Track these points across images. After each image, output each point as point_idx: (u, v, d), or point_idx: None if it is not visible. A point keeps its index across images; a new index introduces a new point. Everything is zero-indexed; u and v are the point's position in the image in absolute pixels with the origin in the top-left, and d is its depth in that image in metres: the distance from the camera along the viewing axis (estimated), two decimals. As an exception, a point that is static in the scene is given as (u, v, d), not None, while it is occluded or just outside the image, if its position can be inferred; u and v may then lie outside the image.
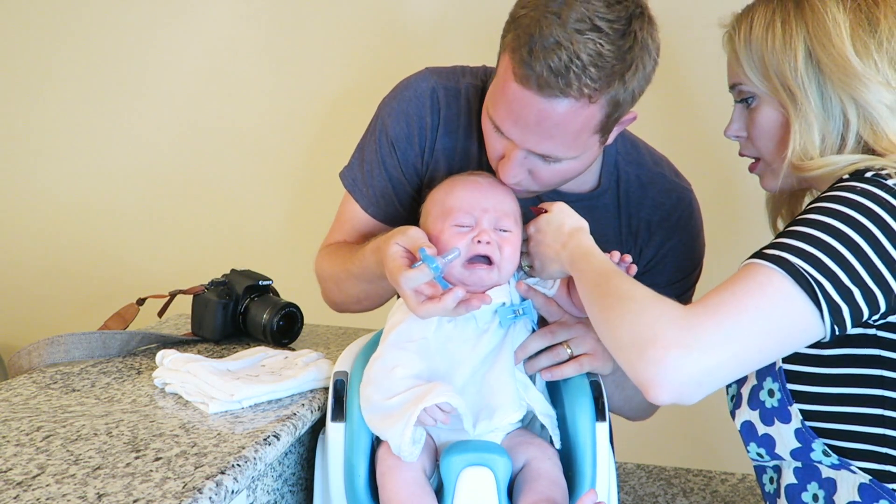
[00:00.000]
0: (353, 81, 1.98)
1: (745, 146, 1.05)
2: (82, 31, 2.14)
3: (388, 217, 1.20)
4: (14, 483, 0.75)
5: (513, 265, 1.00)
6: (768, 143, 1.00)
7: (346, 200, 1.24)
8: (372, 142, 1.19)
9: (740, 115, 1.03)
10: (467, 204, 1.00)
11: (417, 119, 1.15)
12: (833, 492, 0.93)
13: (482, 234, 0.97)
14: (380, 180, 1.18)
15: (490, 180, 1.05)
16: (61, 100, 2.18)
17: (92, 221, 2.21)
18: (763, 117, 0.99)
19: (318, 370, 1.06)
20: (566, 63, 0.90)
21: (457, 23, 1.90)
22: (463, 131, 1.16)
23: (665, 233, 1.18)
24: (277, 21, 2.03)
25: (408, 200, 1.20)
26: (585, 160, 1.04)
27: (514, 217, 1.02)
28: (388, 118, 1.17)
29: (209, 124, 2.10)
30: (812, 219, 0.85)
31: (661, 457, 1.54)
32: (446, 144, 1.16)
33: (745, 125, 1.03)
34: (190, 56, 2.09)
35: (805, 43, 0.93)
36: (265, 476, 0.95)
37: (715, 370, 0.79)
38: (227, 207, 2.12)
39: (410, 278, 0.90)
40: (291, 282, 1.49)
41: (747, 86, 0.99)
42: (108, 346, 1.17)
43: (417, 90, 1.16)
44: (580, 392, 0.99)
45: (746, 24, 0.98)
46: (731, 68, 1.02)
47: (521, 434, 0.98)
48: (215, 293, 1.27)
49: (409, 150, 1.16)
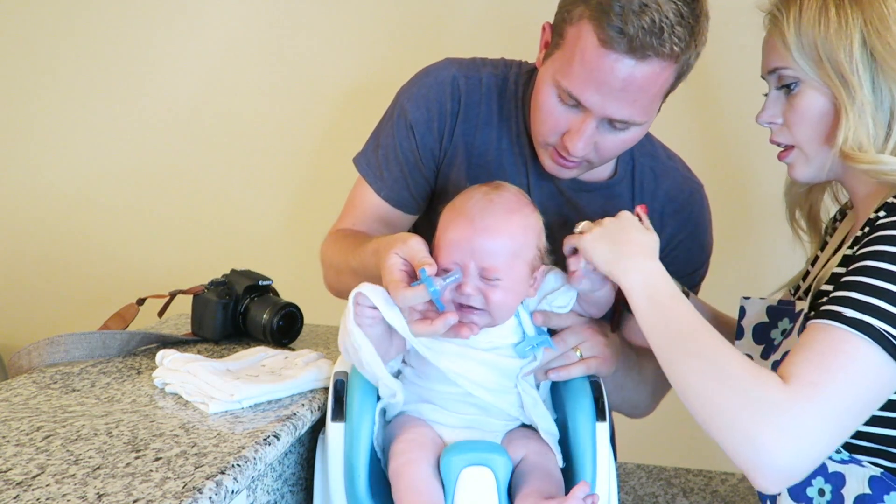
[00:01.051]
0: (356, 81, 1.98)
1: (780, 133, 1.01)
2: (85, 28, 2.14)
3: (400, 202, 1.21)
4: (14, 483, 0.74)
5: (507, 307, 0.95)
6: (809, 130, 0.97)
7: (358, 185, 1.24)
8: (389, 127, 1.20)
9: (776, 101, 1.01)
10: (452, 250, 0.93)
11: (438, 105, 1.17)
12: (841, 485, 0.91)
13: (464, 287, 0.91)
14: (395, 164, 1.19)
15: (493, 210, 0.95)
16: (61, 99, 2.18)
17: (92, 221, 2.20)
18: (806, 104, 0.96)
19: (318, 370, 1.06)
20: (658, 23, 0.94)
21: (462, 22, 1.90)
22: (483, 119, 1.18)
23: (678, 224, 1.20)
24: (280, 20, 2.02)
25: (422, 186, 1.21)
26: (645, 129, 1.07)
27: (511, 253, 0.94)
28: (407, 103, 1.18)
29: (209, 124, 2.10)
30: (881, 269, 0.83)
31: (661, 457, 1.53)
32: (466, 131, 1.18)
33: (782, 111, 1.00)
34: (192, 55, 2.09)
35: (861, 30, 0.91)
36: (265, 476, 0.95)
37: (821, 454, 0.81)
38: (227, 207, 2.12)
39: (407, 298, 0.87)
40: (291, 282, 1.49)
41: (792, 71, 0.96)
42: (108, 346, 1.17)
43: (438, 77, 1.18)
44: (580, 392, 1.00)
45: (796, 7, 0.95)
46: (774, 52, 0.98)
47: (520, 431, 0.98)
48: (215, 293, 1.27)
49: (427, 135, 1.18)
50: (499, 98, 1.19)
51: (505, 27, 1.50)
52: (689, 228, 1.22)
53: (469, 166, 1.18)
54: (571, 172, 1.11)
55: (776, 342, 1.02)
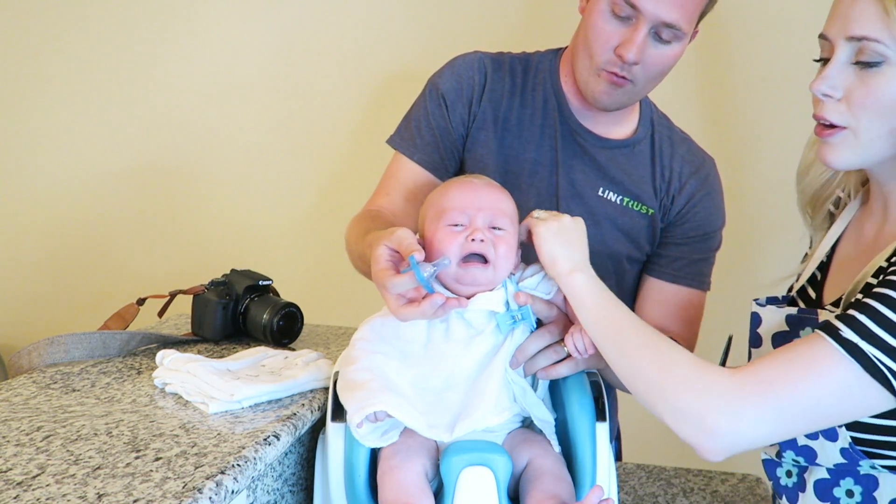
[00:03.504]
0: (356, 80, 1.98)
1: (834, 110, 0.89)
2: (86, 29, 2.14)
3: (432, 164, 1.28)
4: (14, 483, 0.75)
5: (508, 263, 1.00)
6: (877, 115, 0.87)
7: (393, 160, 1.32)
8: (420, 103, 1.30)
9: (842, 72, 0.88)
10: (461, 203, 1.00)
11: (467, 77, 1.28)
12: (874, 488, 0.89)
13: (475, 233, 0.97)
14: (427, 131, 1.28)
15: (486, 181, 1.07)
16: (62, 99, 2.18)
17: (92, 221, 2.21)
18: (887, 86, 0.85)
19: (318, 370, 1.06)
20: None
21: (464, 22, 1.90)
22: (507, 89, 1.29)
23: (695, 184, 1.28)
24: (280, 21, 2.02)
25: (452, 153, 1.29)
26: (682, 49, 1.16)
27: (510, 216, 1.03)
28: (438, 79, 1.29)
29: (210, 124, 2.10)
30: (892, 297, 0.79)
31: (661, 457, 1.53)
32: (492, 98, 1.28)
33: (847, 87, 0.88)
34: (193, 55, 2.09)
35: None
36: (265, 476, 0.95)
37: (766, 438, 0.82)
38: (227, 207, 2.12)
39: (397, 284, 0.90)
40: (291, 282, 1.49)
41: (884, 47, 0.84)
42: (108, 346, 1.17)
43: (467, 58, 1.30)
44: (580, 392, 0.99)
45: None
46: (865, 19, 0.85)
47: (523, 433, 0.98)
48: (215, 293, 1.27)
49: (457, 102, 1.27)
50: (523, 73, 1.30)
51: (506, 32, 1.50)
52: (707, 189, 1.29)
53: (496, 129, 1.27)
54: (621, 94, 1.19)
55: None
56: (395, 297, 0.92)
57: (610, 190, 1.26)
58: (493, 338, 0.98)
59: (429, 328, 0.98)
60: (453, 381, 0.95)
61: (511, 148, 1.27)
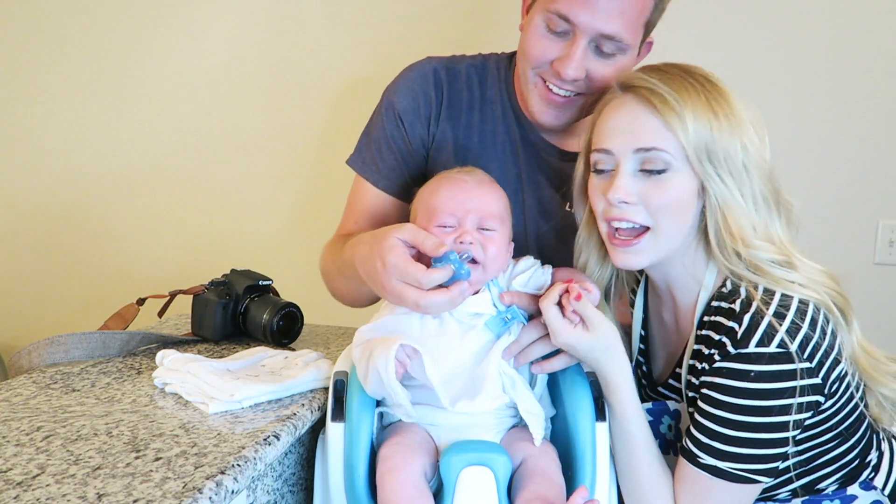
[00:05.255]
0: (355, 79, 1.98)
1: (636, 212, 0.98)
2: (84, 31, 2.14)
3: (397, 190, 1.24)
4: (14, 483, 0.75)
5: (498, 264, 1.01)
6: (673, 213, 0.99)
7: (355, 185, 1.28)
8: (378, 122, 1.24)
9: (632, 180, 0.99)
10: (451, 204, 1.01)
11: (423, 94, 1.22)
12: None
13: (464, 235, 0.98)
14: (388, 154, 1.23)
15: (476, 178, 1.06)
16: (62, 100, 2.18)
17: (92, 221, 2.21)
18: (676, 188, 0.98)
19: (318, 370, 1.06)
20: None
21: (456, 19, 1.90)
22: (465, 104, 1.22)
23: None
24: (281, 21, 2.02)
25: (416, 173, 1.24)
26: (631, 61, 1.11)
27: (500, 216, 1.03)
28: (393, 96, 1.23)
29: (210, 124, 2.10)
30: (725, 403, 0.91)
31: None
32: (450, 116, 1.22)
33: (640, 192, 0.98)
34: (194, 56, 2.09)
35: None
36: (265, 476, 0.95)
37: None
38: (227, 207, 2.12)
39: (434, 279, 0.92)
40: (291, 282, 1.49)
41: (669, 155, 0.96)
42: (108, 346, 1.17)
43: (421, 71, 1.24)
44: (580, 392, 0.99)
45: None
46: (650, 133, 0.96)
47: (520, 431, 0.98)
48: (215, 293, 1.27)
49: (415, 121, 1.22)
50: (480, 84, 1.23)
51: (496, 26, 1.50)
52: None
53: (457, 149, 1.22)
54: (563, 114, 1.14)
55: (669, 436, 1.07)
56: (419, 290, 0.92)
57: None
58: (485, 332, 0.99)
59: (422, 324, 0.99)
60: (450, 370, 0.96)
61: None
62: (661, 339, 1.11)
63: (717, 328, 0.94)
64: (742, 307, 0.92)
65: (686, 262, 1.01)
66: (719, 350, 0.92)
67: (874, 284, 1.84)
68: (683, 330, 1.04)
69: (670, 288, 1.04)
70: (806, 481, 1.00)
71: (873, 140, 1.83)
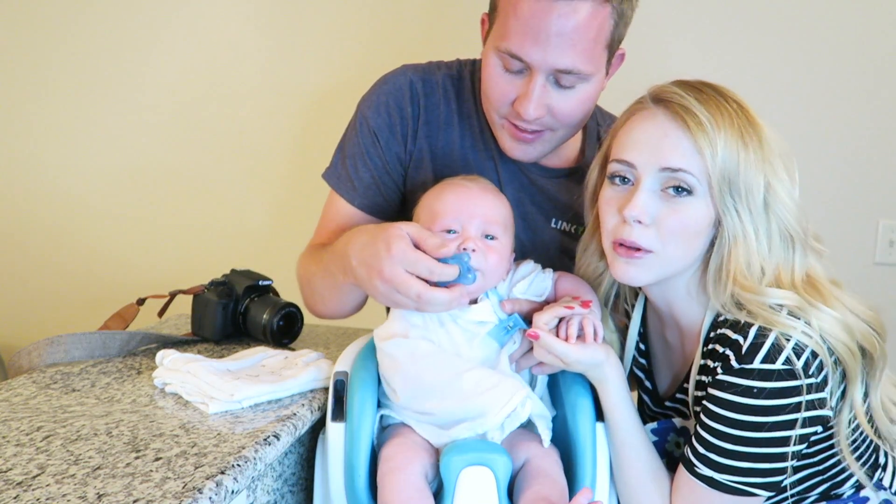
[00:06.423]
0: (354, 79, 1.97)
1: (643, 235, 0.96)
2: (82, 30, 2.14)
3: (374, 208, 1.20)
4: (14, 483, 0.75)
5: (498, 274, 1.00)
6: (683, 240, 0.97)
7: (330, 200, 1.24)
8: (353, 136, 1.20)
9: (651, 199, 0.96)
10: (455, 210, 1.00)
11: (398, 110, 1.18)
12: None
13: (467, 242, 0.97)
14: (364, 172, 1.19)
15: (481, 185, 1.05)
16: (61, 100, 2.18)
17: (92, 221, 2.21)
18: (695, 214, 0.96)
19: (318, 370, 1.06)
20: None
21: (440, 21, 1.90)
22: (444, 119, 1.19)
23: None
24: (276, 21, 2.03)
25: (393, 190, 1.20)
26: (597, 86, 1.07)
27: (504, 223, 1.02)
28: (368, 111, 1.19)
29: (210, 124, 2.10)
30: (725, 418, 0.90)
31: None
32: (428, 133, 1.18)
33: (656, 214, 0.96)
34: (189, 56, 2.09)
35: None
36: (265, 476, 0.95)
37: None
38: (227, 207, 2.12)
39: (445, 275, 0.92)
40: (291, 282, 1.48)
41: (694, 179, 0.93)
42: (108, 346, 1.17)
43: (396, 83, 1.19)
44: (580, 392, 1.00)
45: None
46: (679, 154, 0.92)
47: (522, 433, 0.98)
48: (215, 293, 1.27)
49: (391, 139, 1.18)
50: (457, 97, 1.20)
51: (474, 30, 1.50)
52: None
53: (435, 167, 1.19)
54: (534, 149, 1.12)
55: (676, 454, 1.05)
56: (423, 283, 0.92)
57: (562, 220, 1.20)
58: (489, 341, 0.99)
59: (424, 332, 0.99)
60: (452, 382, 0.95)
61: None
62: (665, 357, 1.09)
63: (723, 341, 0.92)
64: (747, 321, 0.91)
65: (690, 287, 0.98)
66: (722, 363, 0.91)
67: (874, 284, 1.84)
68: (689, 347, 1.02)
69: (672, 310, 1.02)
70: (826, 487, 0.99)
71: (873, 140, 1.83)
